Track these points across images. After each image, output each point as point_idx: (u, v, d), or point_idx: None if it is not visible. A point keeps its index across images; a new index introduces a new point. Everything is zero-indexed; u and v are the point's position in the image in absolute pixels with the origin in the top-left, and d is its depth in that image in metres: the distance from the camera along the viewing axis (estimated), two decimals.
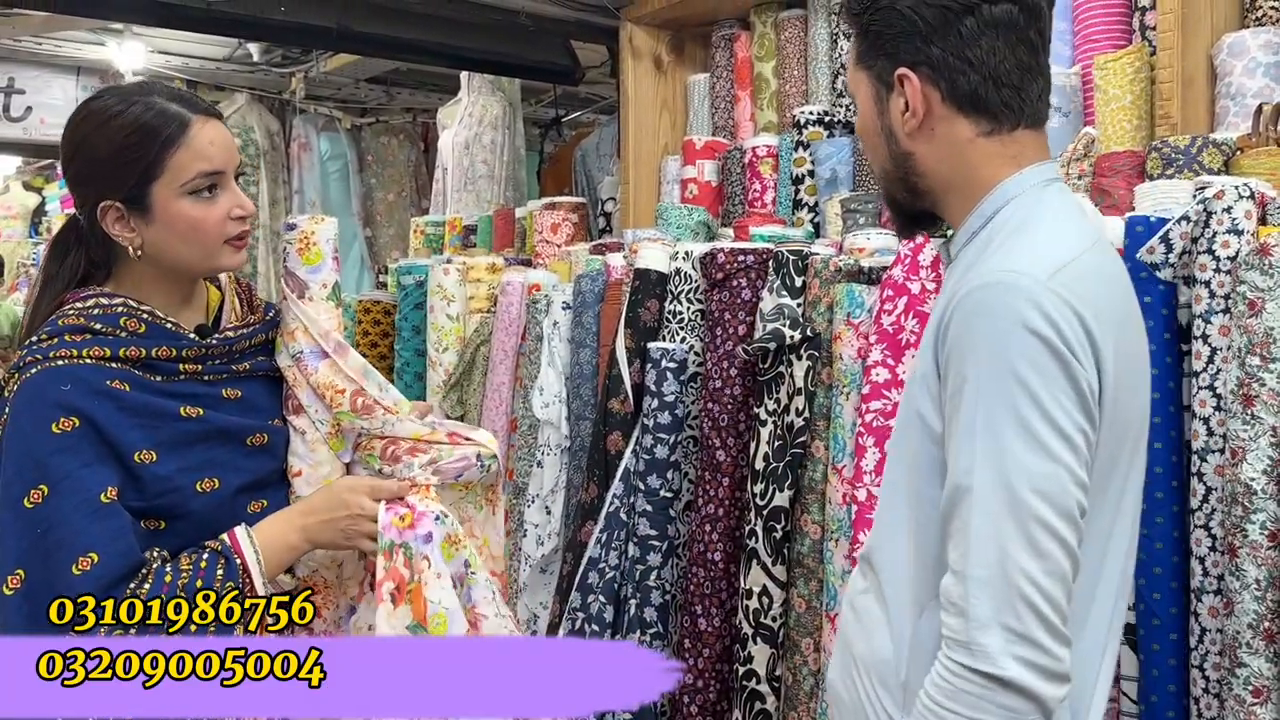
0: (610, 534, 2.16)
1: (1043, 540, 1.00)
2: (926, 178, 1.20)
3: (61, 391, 1.23)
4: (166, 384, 1.32)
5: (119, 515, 1.22)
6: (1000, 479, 1.01)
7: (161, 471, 1.27)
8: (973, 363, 1.04)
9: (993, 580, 1.00)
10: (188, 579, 1.23)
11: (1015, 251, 1.08)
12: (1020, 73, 1.14)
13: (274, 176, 5.20)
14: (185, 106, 1.32)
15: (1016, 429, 1.01)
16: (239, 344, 1.40)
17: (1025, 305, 1.02)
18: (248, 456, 1.37)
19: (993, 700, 0.99)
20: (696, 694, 2.10)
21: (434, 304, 2.77)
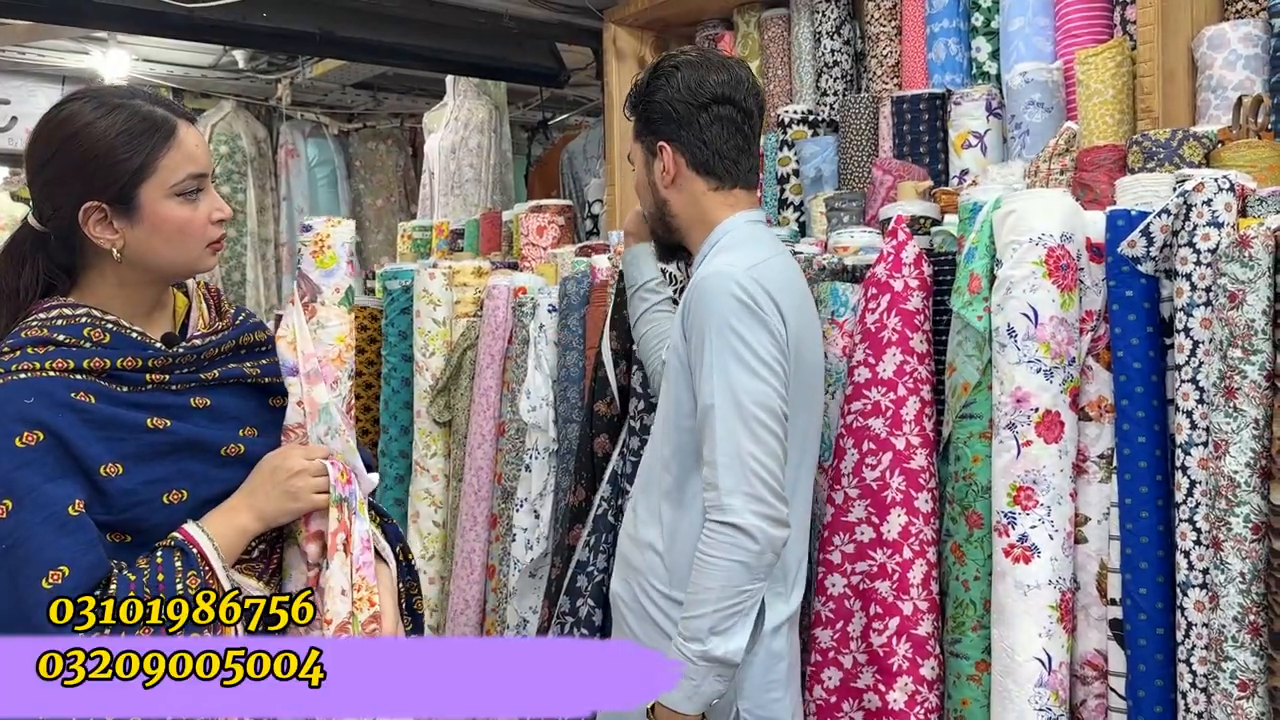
0: (598, 537, 2.15)
1: (760, 433, 1.50)
2: (677, 218, 1.73)
3: (25, 405, 1.21)
4: (133, 394, 1.30)
5: (87, 528, 1.20)
6: (730, 397, 1.51)
7: (127, 485, 1.25)
8: (704, 326, 1.54)
9: (731, 464, 1.49)
10: (149, 575, 1.22)
11: (724, 258, 1.61)
12: (736, 152, 1.69)
13: (261, 184, 5.19)
14: (169, 110, 1.33)
15: (735, 362, 1.51)
16: (207, 351, 1.38)
17: (730, 283, 1.54)
18: (221, 467, 1.34)
19: (738, 544, 1.47)
20: None
21: (420, 309, 2.76)
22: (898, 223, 1.81)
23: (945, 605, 1.71)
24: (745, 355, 1.51)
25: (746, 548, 1.47)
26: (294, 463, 1.34)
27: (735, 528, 1.47)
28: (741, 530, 1.47)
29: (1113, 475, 1.57)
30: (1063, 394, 1.58)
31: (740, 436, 1.49)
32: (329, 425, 1.38)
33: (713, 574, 1.48)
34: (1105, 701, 1.56)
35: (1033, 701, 1.53)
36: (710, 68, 1.68)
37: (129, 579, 1.21)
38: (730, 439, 1.49)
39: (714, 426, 1.50)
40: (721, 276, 1.54)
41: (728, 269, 1.56)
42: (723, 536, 1.48)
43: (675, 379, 1.64)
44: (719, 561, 1.48)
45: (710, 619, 1.48)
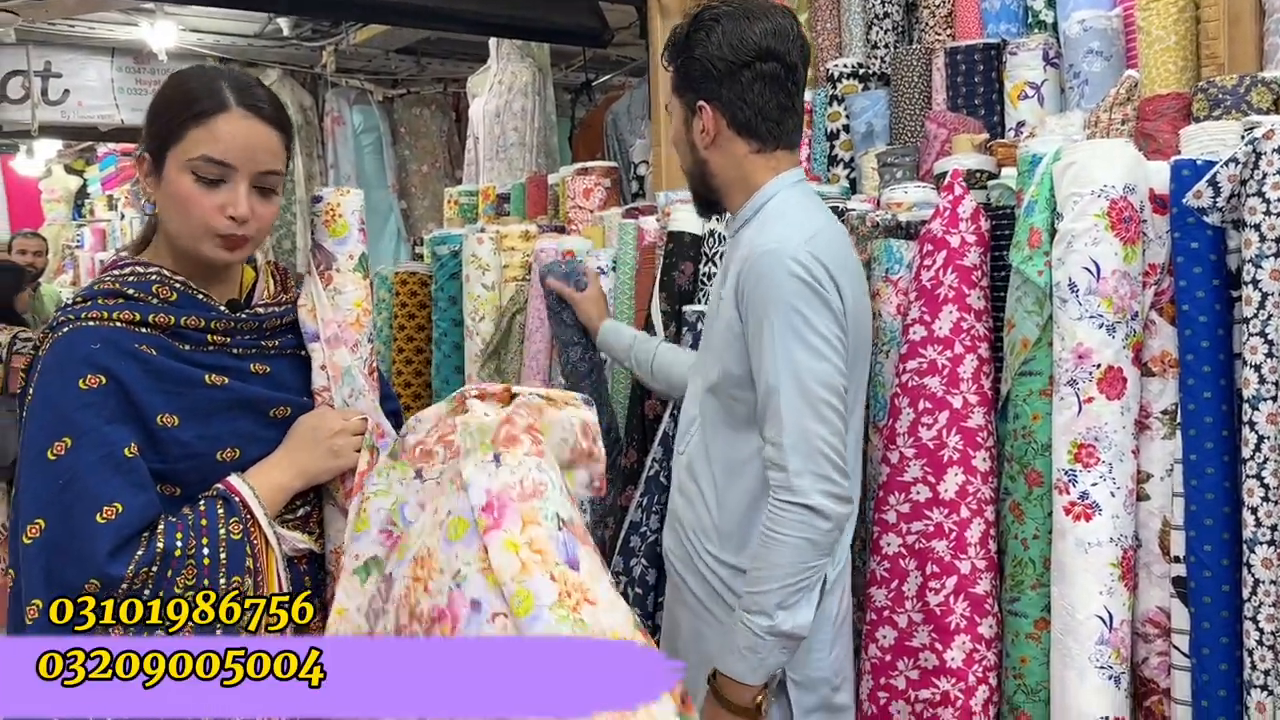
0: (650, 498, 2.16)
1: (825, 412, 1.50)
2: (716, 178, 1.68)
3: (91, 350, 1.26)
4: (194, 352, 1.33)
5: (141, 470, 1.25)
6: (795, 379, 1.50)
7: (183, 436, 1.29)
8: (764, 305, 1.52)
9: (798, 445, 1.49)
10: (193, 520, 1.25)
11: (779, 229, 1.56)
12: (779, 111, 1.63)
13: (309, 151, 5.23)
14: (236, 95, 1.31)
15: (799, 343, 1.50)
16: (269, 321, 1.41)
17: (790, 262, 1.51)
18: (268, 427, 1.37)
19: (808, 523, 1.48)
20: None
21: (469, 273, 2.77)
22: (954, 177, 1.77)
23: (1003, 564, 1.70)
24: (808, 336, 1.50)
25: (816, 526, 1.48)
26: (333, 422, 1.37)
27: (805, 508, 1.48)
28: (812, 510, 1.47)
29: (1176, 431, 1.54)
30: (1125, 349, 1.55)
31: (806, 418, 1.48)
32: (352, 387, 1.42)
33: (781, 551, 1.48)
34: (1168, 659, 1.55)
35: (1094, 659, 1.52)
36: (752, 18, 1.61)
37: (173, 522, 1.25)
38: (796, 421, 1.48)
39: (779, 408, 1.50)
40: (780, 254, 1.51)
41: (784, 244, 1.52)
42: (792, 515, 1.48)
43: (723, 347, 1.62)
44: (789, 539, 1.48)
45: (778, 595, 1.48)
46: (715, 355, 1.64)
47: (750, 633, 1.49)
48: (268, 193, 1.35)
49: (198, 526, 1.25)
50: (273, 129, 1.34)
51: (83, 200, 9.53)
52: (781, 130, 1.64)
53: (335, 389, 1.42)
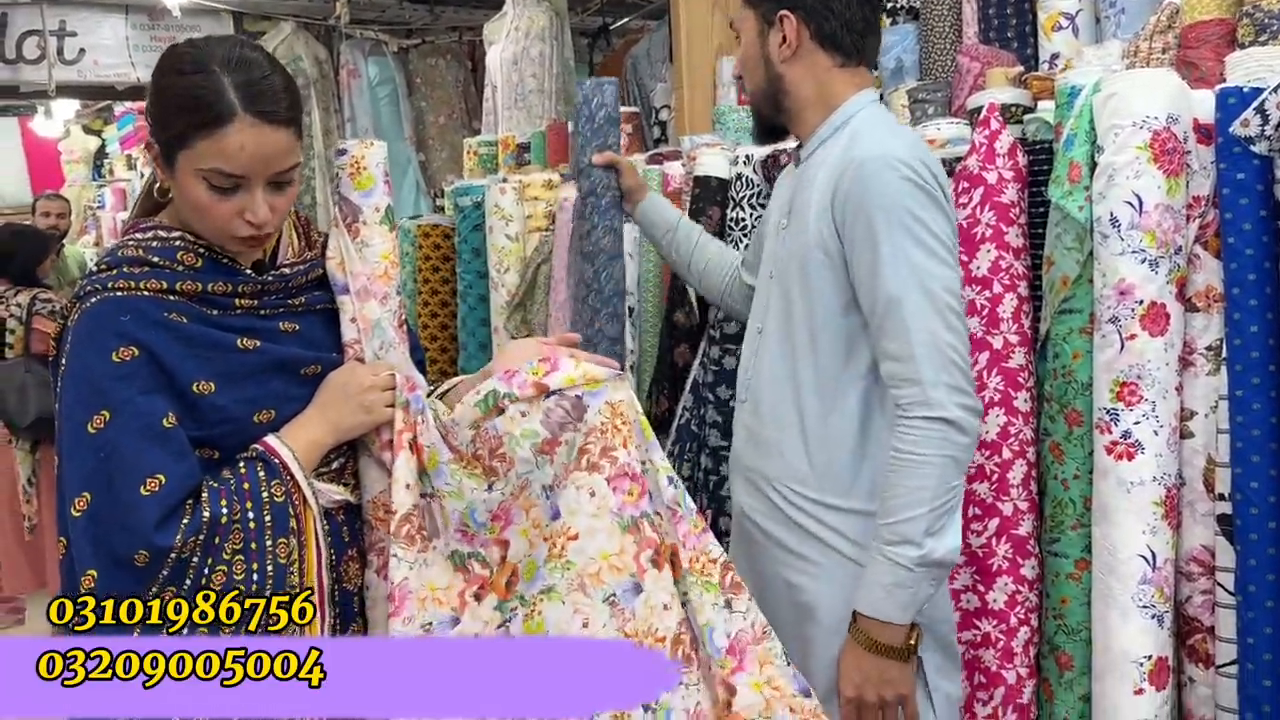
0: (682, 446, 2.16)
1: (954, 320, 1.41)
2: (790, 96, 1.59)
3: (121, 322, 1.25)
4: (223, 317, 1.33)
5: (181, 439, 1.25)
6: (919, 286, 1.40)
7: (219, 402, 1.29)
8: (872, 213, 1.42)
9: (931, 356, 1.39)
10: (235, 484, 1.26)
11: (881, 138, 1.47)
12: (864, 25, 1.56)
13: (325, 105, 5.18)
14: (243, 98, 1.26)
15: (918, 249, 1.41)
16: (295, 279, 1.40)
17: (900, 165, 1.42)
18: (301, 385, 1.37)
19: (949, 439, 1.38)
20: None
21: (492, 224, 2.75)
22: (989, 112, 1.73)
23: (1043, 505, 1.68)
24: (927, 240, 1.40)
25: (957, 441, 1.38)
26: (364, 378, 1.36)
27: (945, 422, 1.37)
28: (952, 424, 1.38)
29: (1221, 367, 1.51)
30: (1169, 284, 1.51)
31: (936, 327, 1.39)
32: (383, 340, 1.41)
33: (925, 472, 1.38)
34: (1212, 598, 1.53)
35: (1136, 599, 1.50)
36: None
37: (216, 488, 1.25)
38: (926, 330, 1.39)
39: (904, 319, 1.39)
40: (888, 159, 1.42)
41: (889, 150, 1.43)
42: (932, 432, 1.38)
43: (813, 274, 1.50)
44: (931, 458, 1.37)
45: (925, 520, 1.38)
46: (795, 288, 1.54)
47: (897, 567, 1.38)
48: (283, 185, 1.32)
49: (240, 491, 1.26)
50: (284, 129, 1.29)
51: (102, 160, 9.52)
52: (865, 45, 1.57)
53: (366, 342, 1.41)
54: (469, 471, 1.34)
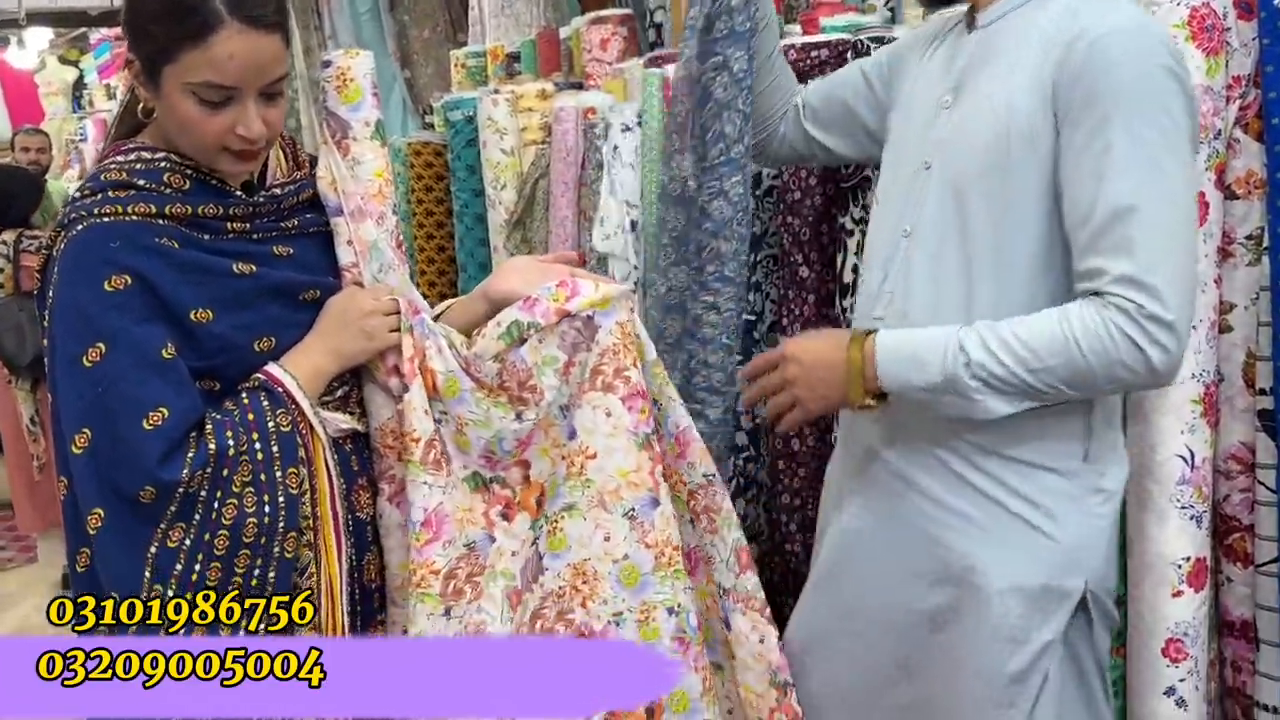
0: None
1: (1193, 247, 1.21)
2: None
3: (110, 249, 1.20)
4: (215, 242, 1.28)
5: (181, 371, 1.21)
6: (1167, 196, 1.17)
7: (218, 330, 1.25)
8: (1115, 102, 1.17)
9: (1175, 278, 1.16)
10: (239, 415, 1.23)
11: (1122, 8, 1.22)
12: None
13: (305, 23, 5.00)
14: (228, 2, 1.18)
15: (1169, 153, 1.17)
16: (286, 200, 1.34)
17: (1162, 51, 1.18)
18: (300, 311, 1.32)
19: (1161, 345, 1.15)
20: (794, 512, 2.07)
21: (486, 139, 2.65)
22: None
23: None
24: (1180, 144, 1.18)
25: (1164, 352, 1.15)
26: (364, 303, 1.32)
27: (1168, 328, 1.15)
28: (1154, 370, 1.16)
29: (1263, 257, 1.44)
30: (1207, 170, 1.43)
31: (1180, 244, 1.17)
32: (381, 262, 1.36)
33: (1111, 350, 1.15)
34: (1252, 495, 1.49)
35: (1174, 500, 1.46)
36: None
37: (220, 420, 1.21)
38: (1164, 251, 1.16)
39: (1138, 233, 1.15)
40: (1143, 37, 1.18)
41: (1145, 26, 1.20)
42: (1150, 330, 1.14)
43: (1010, 169, 1.25)
44: (1097, 371, 1.16)
45: (1059, 375, 1.17)
46: (975, 184, 1.27)
47: (948, 360, 1.20)
48: (275, 97, 1.25)
49: (245, 422, 1.22)
50: (273, 34, 1.22)
51: (80, 92, 9.29)
52: None
53: (364, 265, 1.36)
54: (495, 400, 1.33)
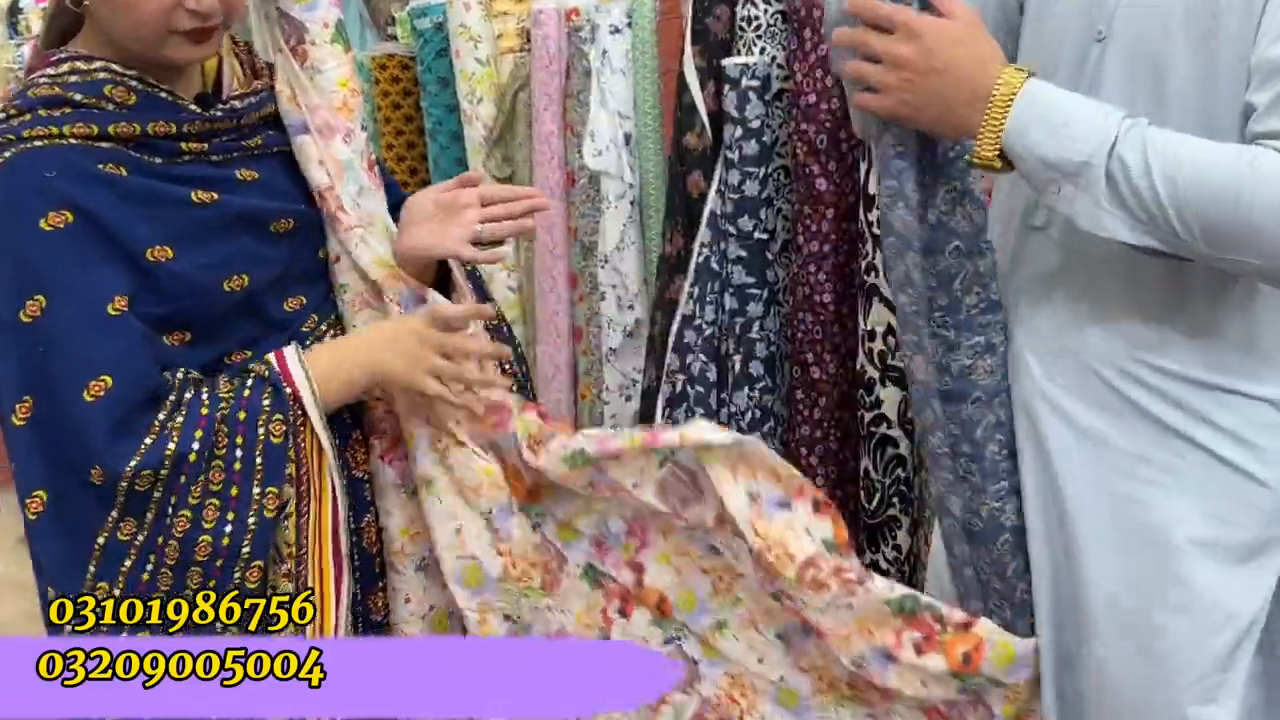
0: (703, 287, 1.93)
1: None
2: None
3: (46, 179, 1.01)
4: (169, 166, 1.09)
5: (131, 330, 1.04)
6: None
7: (180, 270, 1.07)
8: None
9: None
10: (228, 409, 1.06)
11: None
12: None
13: None
14: None
15: None
16: (248, 115, 1.16)
17: None
18: (273, 244, 1.15)
19: None
20: (815, 444, 1.93)
21: (459, 48, 2.42)
22: None
23: None
24: None
25: None
26: (430, 334, 1.16)
27: None
28: None
29: None
30: None
31: None
32: (359, 184, 1.21)
33: (1236, 205, 0.94)
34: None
35: None
36: None
37: (200, 410, 1.04)
38: None
39: None
40: None
41: None
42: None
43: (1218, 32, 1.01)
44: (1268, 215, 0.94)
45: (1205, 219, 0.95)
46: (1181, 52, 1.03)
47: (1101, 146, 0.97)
48: None
49: (232, 421, 1.06)
50: None
51: (16, 18, 8.78)
52: None
53: (340, 187, 1.19)
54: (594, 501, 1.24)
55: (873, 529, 1.84)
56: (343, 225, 1.21)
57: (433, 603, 1.27)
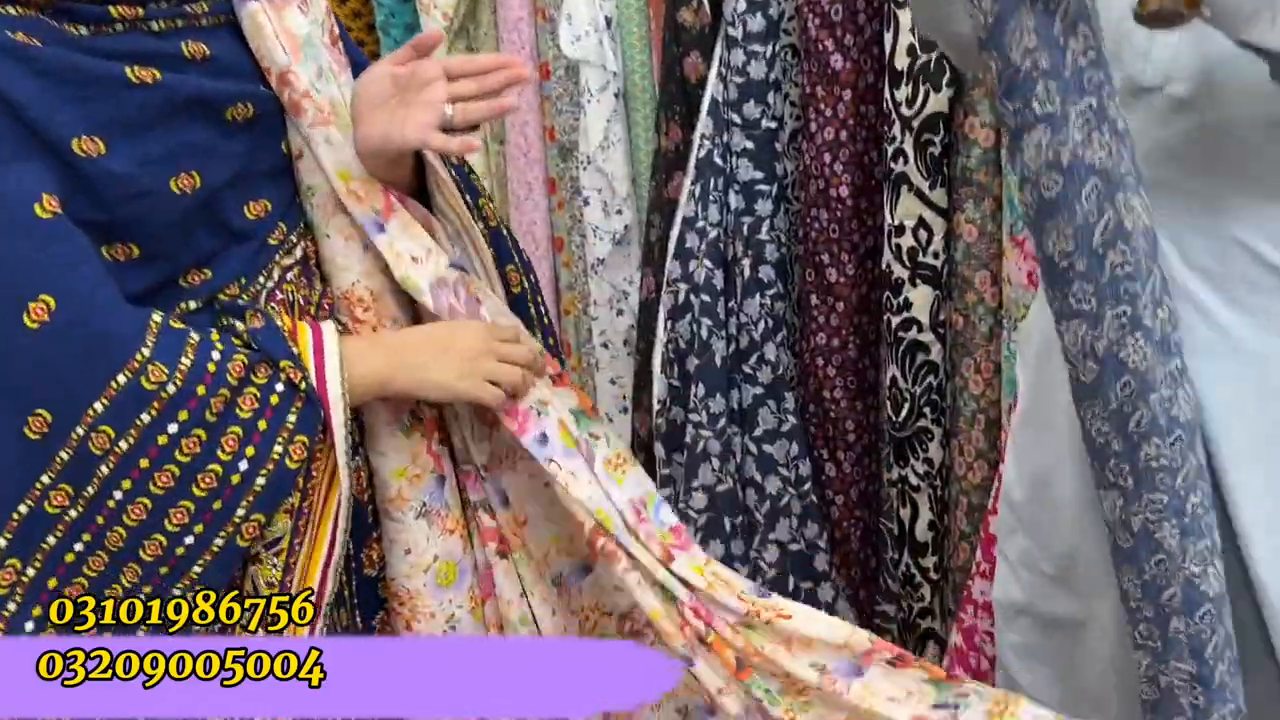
0: (705, 184, 1.75)
1: None
2: None
3: None
4: (98, 38, 0.88)
5: (69, 236, 0.85)
6: None
7: (117, 167, 0.87)
8: None
9: None
10: (246, 406, 0.89)
11: None
12: None
13: None
14: None
15: None
16: None
17: None
18: (229, 137, 0.95)
19: None
20: (833, 354, 1.78)
21: None
22: None
23: None
24: None
25: None
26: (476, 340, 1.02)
27: None
28: None
29: None
30: None
31: None
32: (319, 64, 1.02)
33: None
34: None
35: None
36: None
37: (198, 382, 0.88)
38: None
39: None
40: None
41: None
42: None
43: None
44: None
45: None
46: None
47: None
48: None
49: (248, 425, 0.90)
50: None
51: None
52: None
53: (296, 67, 0.99)
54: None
55: (900, 443, 1.71)
56: (306, 118, 1.01)
57: (436, 552, 1.14)
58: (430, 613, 1.11)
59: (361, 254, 1.03)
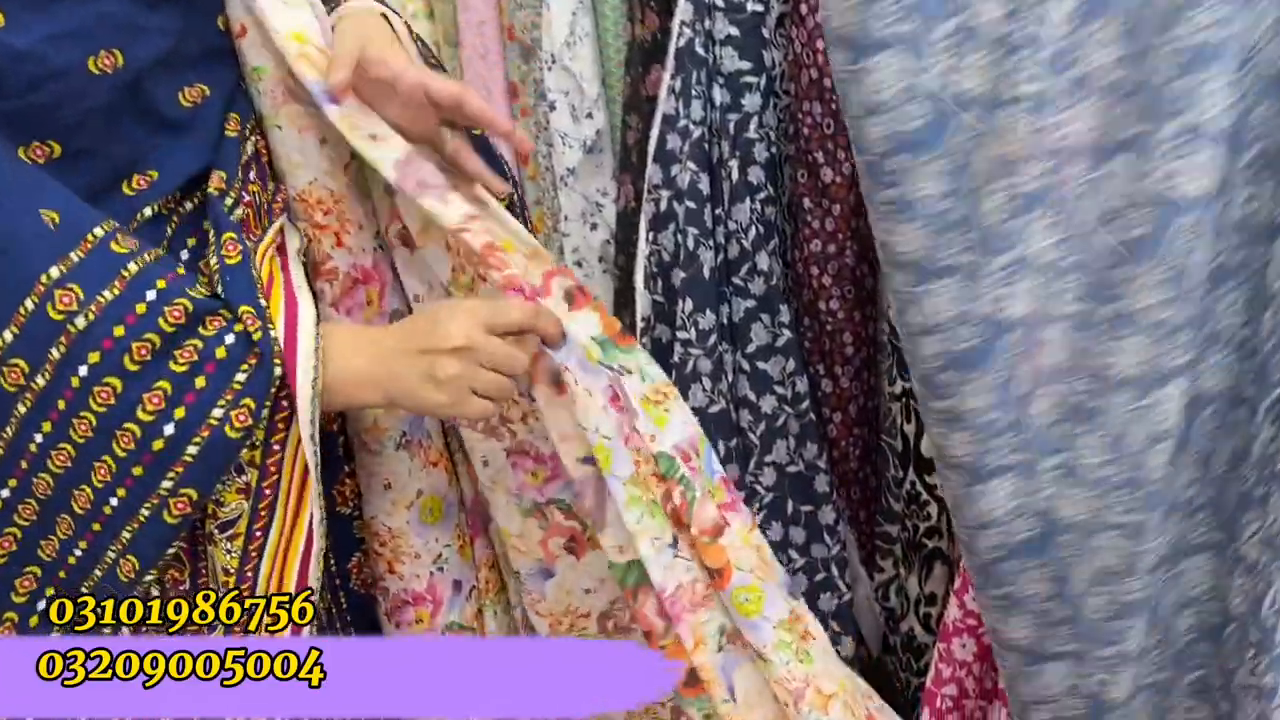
0: (686, 78, 1.60)
1: None
2: None
3: None
4: None
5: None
6: None
7: (22, 44, 0.74)
8: None
9: None
10: (187, 353, 0.77)
11: None
12: None
13: None
14: None
15: None
16: None
17: None
18: (153, 8, 0.81)
19: None
20: (829, 261, 1.67)
21: None
22: None
23: None
24: None
25: None
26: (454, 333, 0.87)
27: None
28: None
29: None
30: None
31: None
32: None
33: None
34: None
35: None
36: None
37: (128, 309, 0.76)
38: None
39: None
40: None
41: None
42: None
43: None
44: None
45: None
46: None
47: None
48: None
49: (184, 375, 0.78)
50: None
51: None
52: None
53: None
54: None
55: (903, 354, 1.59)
56: None
57: (420, 487, 1.05)
58: (415, 553, 1.03)
59: (318, 147, 0.90)
